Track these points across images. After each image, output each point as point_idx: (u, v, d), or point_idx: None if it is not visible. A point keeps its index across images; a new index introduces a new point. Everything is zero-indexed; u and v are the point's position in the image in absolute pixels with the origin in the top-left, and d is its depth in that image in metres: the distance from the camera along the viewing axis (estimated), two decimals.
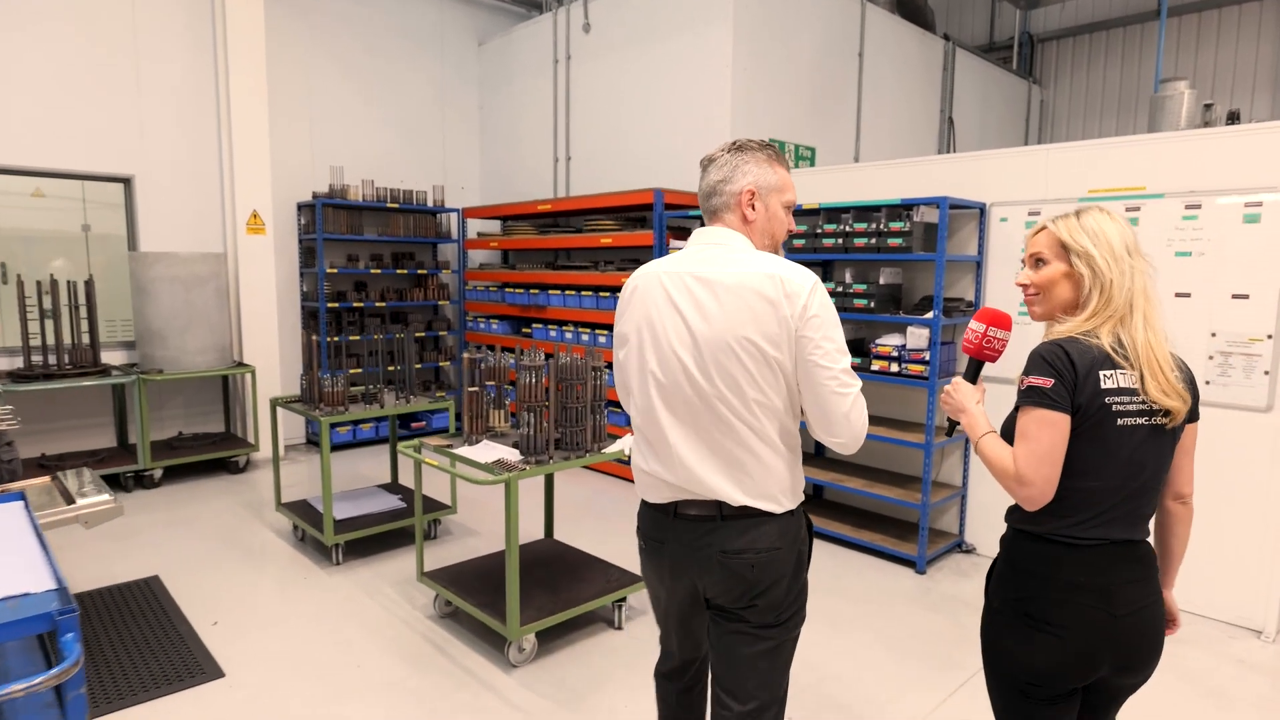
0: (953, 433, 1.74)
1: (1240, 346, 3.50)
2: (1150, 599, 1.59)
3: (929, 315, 4.16)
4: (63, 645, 1.32)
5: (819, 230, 4.62)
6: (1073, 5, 9.16)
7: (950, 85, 7.94)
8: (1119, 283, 1.54)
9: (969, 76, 8.25)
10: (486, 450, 3.39)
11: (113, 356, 5.85)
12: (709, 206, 1.80)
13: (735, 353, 1.64)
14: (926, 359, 4.17)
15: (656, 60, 6.03)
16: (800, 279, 1.64)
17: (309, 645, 3.33)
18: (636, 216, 6.06)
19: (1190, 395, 1.57)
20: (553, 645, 3.34)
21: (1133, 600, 1.56)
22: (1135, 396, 1.52)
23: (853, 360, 1.71)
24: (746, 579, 1.71)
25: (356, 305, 6.87)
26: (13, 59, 5.26)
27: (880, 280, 4.50)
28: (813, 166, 6.19)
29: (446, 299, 7.43)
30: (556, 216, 6.70)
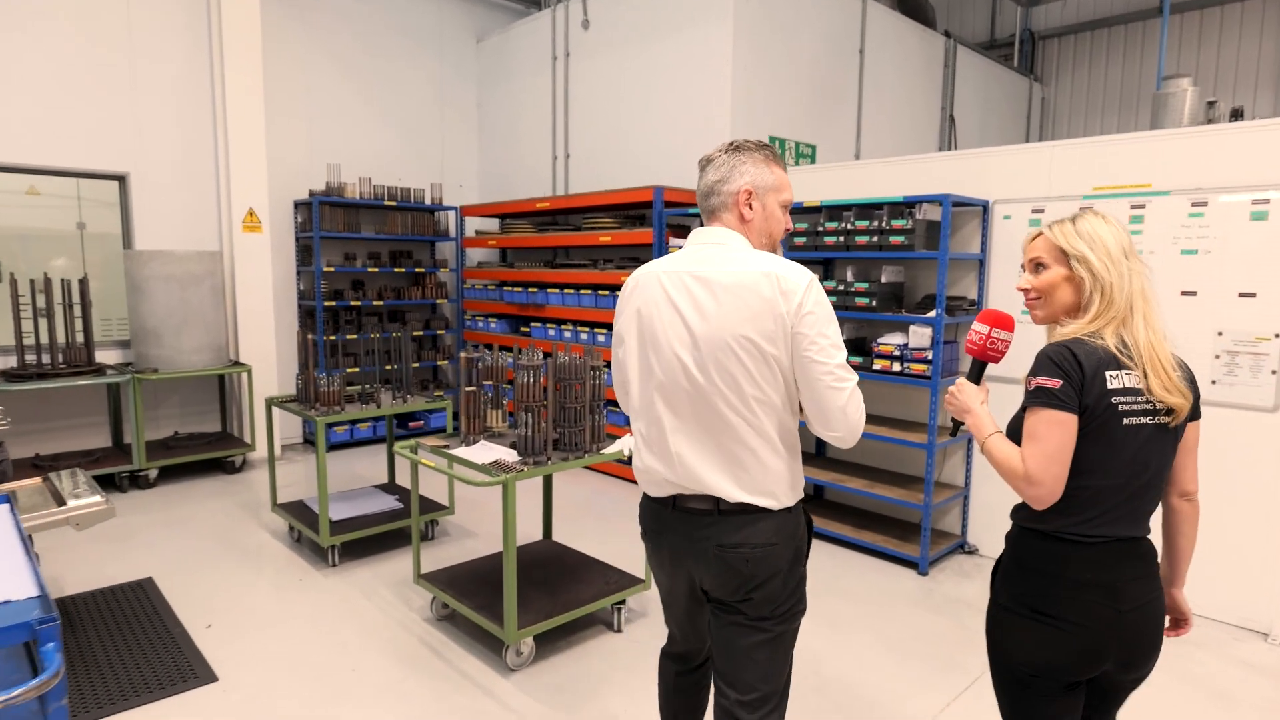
0: (957, 433, 1.75)
1: (1247, 345, 3.46)
2: (1152, 595, 1.62)
3: (931, 314, 4.12)
4: (43, 655, 1.28)
5: (821, 228, 4.58)
6: (1074, 2, 9.13)
7: (951, 83, 7.90)
8: (1119, 285, 1.58)
9: (970, 74, 8.21)
10: (484, 451, 3.35)
11: (108, 355, 5.81)
12: (707, 206, 1.83)
13: (734, 350, 1.67)
14: (929, 358, 4.12)
15: (656, 57, 5.98)
16: (796, 276, 1.66)
17: (304, 648, 3.30)
18: (636, 214, 6.01)
19: (1191, 393, 1.60)
20: (551, 648, 3.30)
21: (1137, 596, 1.59)
22: (1140, 396, 1.55)
23: (854, 359, 1.70)
24: (742, 573, 1.73)
25: (354, 304, 6.82)
26: (9, 56, 5.21)
27: (882, 278, 4.46)
28: (813, 164, 6.15)
29: (444, 297, 7.38)
30: (555, 214, 6.64)
